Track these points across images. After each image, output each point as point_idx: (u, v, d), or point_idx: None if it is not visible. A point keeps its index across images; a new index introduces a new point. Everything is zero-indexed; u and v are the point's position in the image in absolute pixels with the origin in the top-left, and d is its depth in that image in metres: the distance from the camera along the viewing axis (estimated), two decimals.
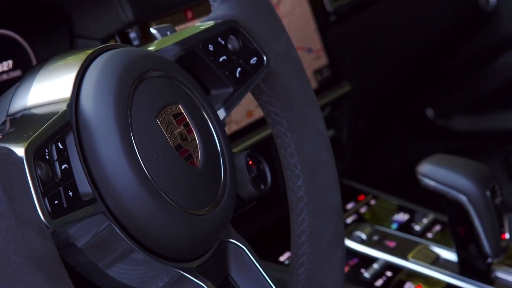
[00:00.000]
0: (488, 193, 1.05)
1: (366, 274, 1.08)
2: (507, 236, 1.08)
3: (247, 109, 1.13)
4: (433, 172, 1.08)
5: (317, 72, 1.26)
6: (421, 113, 1.99)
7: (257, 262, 0.72)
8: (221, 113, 0.73)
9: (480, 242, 1.07)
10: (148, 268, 0.64)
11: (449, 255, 1.13)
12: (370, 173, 1.93)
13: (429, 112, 1.99)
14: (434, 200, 1.11)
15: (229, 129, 1.09)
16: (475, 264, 1.09)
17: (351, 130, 1.38)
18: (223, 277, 0.71)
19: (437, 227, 1.21)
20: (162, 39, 0.74)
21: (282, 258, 1.11)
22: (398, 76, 1.70)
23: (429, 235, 1.19)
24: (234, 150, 0.78)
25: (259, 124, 1.12)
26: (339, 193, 0.83)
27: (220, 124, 0.71)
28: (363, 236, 1.16)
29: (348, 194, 1.30)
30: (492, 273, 1.10)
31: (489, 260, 1.09)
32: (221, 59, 0.74)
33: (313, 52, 1.27)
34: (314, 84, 1.25)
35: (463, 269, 1.10)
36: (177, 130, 0.66)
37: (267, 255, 1.11)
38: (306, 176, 0.81)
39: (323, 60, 1.28)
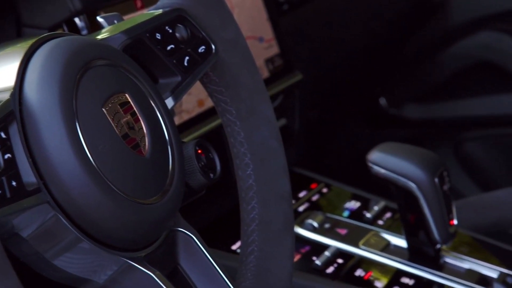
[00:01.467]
0: (436, 180, 1.06)
1: (318, 262, 1.09)
2: (455, 222, 1.09)
3: (198, 99, 1.13)
4: (382, 160, 1.09)
5: (269, 61, 1.27)
6: (374, 103, 2.01)
7: (206, 250, 0.72)
8: (169, 102, 0.73)
9: (429, 229, 1.08)
10: (95, 257, 0.64)
11: (399, 242, 1.15)
12: (324, 162, 1.94)
13: (382, 101, 2.00)
14: (385, 188, 1.12)
15: (180, 118, 1.09)
16: (425, 250, 1.11)
17: (304, 119, 1.38)
18: (172, 266, 0.71)
19: (388, 214, 1.22)
20: (109, 28, 0.73)
21: (234, 246, 1.11)
22: (350, 65, 1.71)
23: (380, 222, 1.20)
24: (186, 140, 0.77)
25: (210, 113, 1.12)
26: (289, 181, 0.84)
27: (168, 113, 0.71)
28: (315, 224, 1.17)
29: (300, 183, 1.30)
30: (441, 259, 1.11)
31: (438, 246, 1.10)
32: (168, 48, 0.73)
33: (265, 41, 1.27)
34: (265, 73, 1.26)
35: (412, 255, 1.12)
36: (124, 119, 0.65)
37: (220, 243, 1.12)
38: (256, 165, 0.81)
39: (274, 49, 1.29)
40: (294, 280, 1.06)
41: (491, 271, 1.09)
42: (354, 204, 1.25)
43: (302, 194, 1.27)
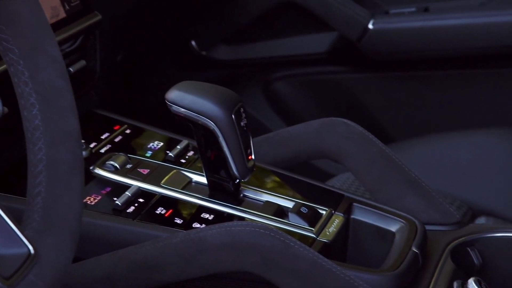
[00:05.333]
0: (233, 116, 1.08)
1: (118, 202, 1.09)
2: (253, 157, 1.12)
3: None
4: (180, 99, 1.09)
5: (65, 1, 1.23)
6: (185, 45, 2.01)
7: None
8: None
9: (228, 165, 1.11)
10: None
11: (201, 179, 1.16)
12: (132, 104, 1.93)
13: (193, 44, 2.01)
14: (187, 127, 1.13)
15: None
16: (225, 186, 1.13)
17: (106, 61, 1.36)
18: None
19: (190, 153, 1.24)
20: None
21: None
22: (155, 7, 1.70)
23: (182, 161, 1.22)
24: None
25: None
26: (77, 120, 0.83)
27: None
28: (117, 165, 1.17)
29: (103, 125, 1.29)
30: (240, 193, 1.14)
31: (237, 181, 1.13)
32: None
33: None
34: (62, 14, 1.23)
35: (213, 191, 1.14)
36: None
37: (18, 190, 1.09)
38: (42, 104, 0.80)
39: None
40: (93, 221, 1.07)
41: (287, 202, 1.13)
42: (157, 145, 1.26)
43: (104, 136, 1.26)
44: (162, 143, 1.26)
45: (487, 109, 1.92)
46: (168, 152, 1.23)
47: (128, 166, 1.18)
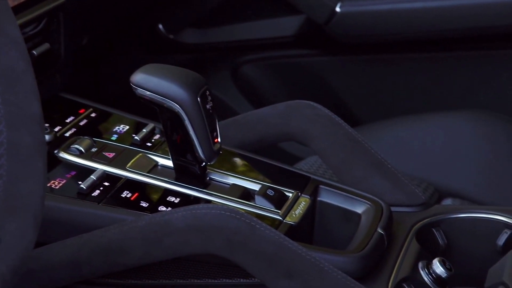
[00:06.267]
0: (199, 99, 1.08)
1: (83, 186, 1.08)
2: (219, 140, 1.12)
3: None
4: (145, 82, 1.09)
5: None
6: (152, 28, 2.00)
7: None
8: None
9: (195, 148, 1.10)
10: None
11: (167, 162, 1.16)
12: (102, 88, 1.92)
13: (160, 27, 2.00)
14: (153, 110, 1.12)
15: None
16: (191, 170, 1.13)
17: (71, 44, 1.35)
18: None
19: (157, 136, 1.23)
20: None
21: None
22: None
23: (148, 144, 1.21)
24: None
25: None
26: (39, 103, 0.82)
27: None
28: (82, 149, 1.16)
29: (68, 108, 1.28)
30: (206, 177, 1.14)
31: (203, 164, 1.13)
32: None
33: None
34: None
35: (179, 175, 1.14)
36: None
37: None
38: (3, 87, 0.79)
39: None
40: (58, 205, 1.06)
41: (253, 185, 1.13)
42: (122, 128, 1.25)
43: (69, 120, 1.25)
44: (128, 127, 1.25)
45: (456, 92, 1.93)
46: (134, 135, 1.22)
47: (93, 149, 1.17)
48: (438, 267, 1.05)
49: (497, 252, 1.11)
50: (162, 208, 1.07)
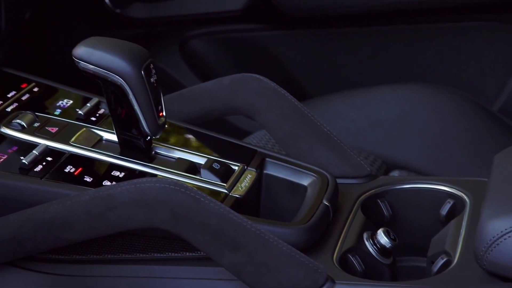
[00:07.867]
0: (142, 72, 1.07)
1: (25, 161, 1.06)
2: (164, 113, 1.11)
3: None
4: (88, 55, 1.07)
5: None
6: (99, 3, 1.97)
7: None
8: None
9: (139, 122, 1.09)
10: None
11: (112, 137, 1.15)
12: (47, 64, 1.89)
13: (106, 1, 1.97)
14: (97, 83, 1.11)
15: None
16: (136, 144, 1.12)
17: (13, 18, 1.33)
18: None
19: (101, 111, 1.22)
20: None
21: None
22: None
23: (93, 119, 1.19)
24: None
25: None
26: None
27: None
28: (24, 124, 1.14)
29: (9, 83, 1.26)
30: (152, 151, 1.13)
31: (148, 138, 1.12)
32: None
33: None
34: None
35: (124, 149, 1.12)
36: None
37: None
38: None
39: None
40: None
41: (199, 159, 1.13)
42: (66, 103, 1.23)
43: (11, 94, 1.23)
44: (72, 101, 1.24)
45: (404, 65, 1.94)
46: (78, 110, 1.20)
47: (36, 124, 1.15)
48: (382, 238, 1.06)
49: (440, 222, 1.12)
50: (106, 182, 1.06)
